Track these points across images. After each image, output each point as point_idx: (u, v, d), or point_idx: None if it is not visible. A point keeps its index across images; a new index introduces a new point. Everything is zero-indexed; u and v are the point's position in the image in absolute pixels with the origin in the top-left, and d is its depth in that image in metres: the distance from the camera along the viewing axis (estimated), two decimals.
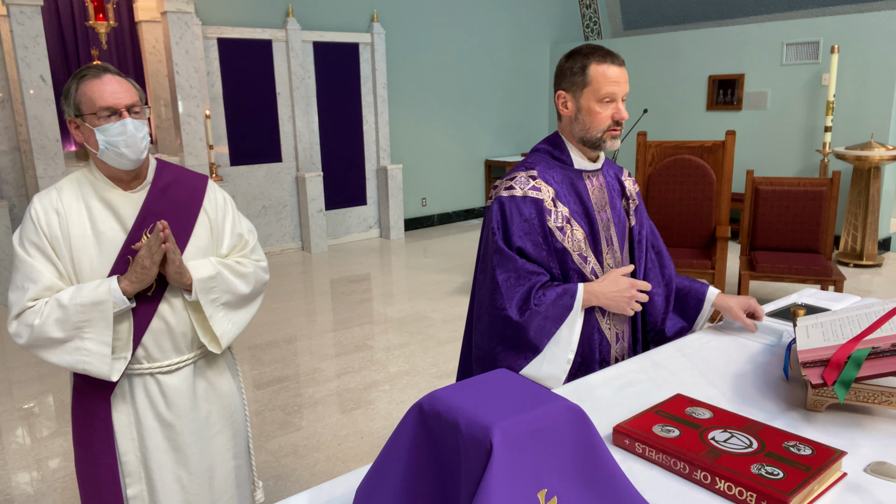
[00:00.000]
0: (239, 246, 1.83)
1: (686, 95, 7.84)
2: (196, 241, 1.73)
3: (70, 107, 1.61)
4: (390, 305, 5.26)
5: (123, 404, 1.70)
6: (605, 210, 1.79)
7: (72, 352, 1.58)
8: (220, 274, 1.72)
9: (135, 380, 1.70)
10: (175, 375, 1.72)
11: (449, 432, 0.85)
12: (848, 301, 1.98)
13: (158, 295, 1.66)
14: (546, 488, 0.83)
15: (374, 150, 7.64)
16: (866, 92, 6.31)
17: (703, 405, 1.29)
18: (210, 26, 6.27)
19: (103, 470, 1.72)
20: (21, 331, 1.58)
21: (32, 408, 3.62)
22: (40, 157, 4.95)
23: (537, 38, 9.10)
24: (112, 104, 1.57)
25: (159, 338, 1.68)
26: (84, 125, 1.59)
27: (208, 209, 1.77)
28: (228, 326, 1.75)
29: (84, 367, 1.60)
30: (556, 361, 1.64)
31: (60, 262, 1.61)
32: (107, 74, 1.59)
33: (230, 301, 1.75)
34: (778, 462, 1.08)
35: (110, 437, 1.70)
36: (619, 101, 1.68)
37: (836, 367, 1.24)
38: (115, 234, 1.64)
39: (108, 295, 1.57)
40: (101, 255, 1.62)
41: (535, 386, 0.91)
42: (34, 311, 1.57)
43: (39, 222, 1.60)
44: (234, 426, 1.89)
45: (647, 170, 5.10)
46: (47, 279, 1.59)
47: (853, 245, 6.09)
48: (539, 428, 0.83)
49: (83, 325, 1.57)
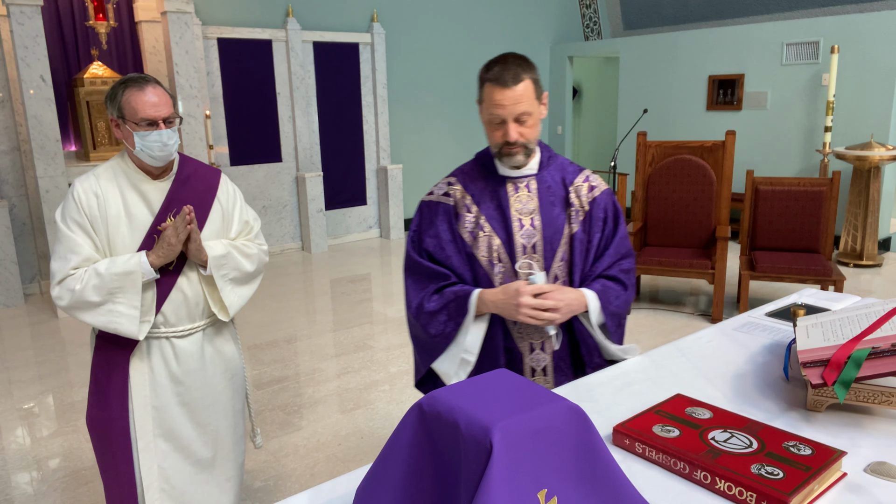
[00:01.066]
0: (245, 231, 2.12)
1: (686, 95, 7.84)
2: (210, 226, 2.01)
3: (114, 109, 1.87)
4: (390, 305, 5.26)
5: (140, 362, 1.95)
6: (531, 216, 1.74)
7: (105, 314, 1.84)
8: (230, 253, 1.99)
9: (153, 342, 1.96)
10: (187, 340, 1.99)
11: (449, 432, 0.85)
12: (848, 301, 1.98)
13: (178, 269, 1.93)
14: (546, 488, 0.83)
15: (374, 150, 7.64)
16: (866, 92, 6.31)
17: (704, 405, 1.29)
18: (210, 26, 6.27)
19: (117, 421, 1.94)
20: (63, 294, 1.84)
21: (32, 408, 3.62)
22: (40, 156, 4.94)
23: (537, 38, 9.10)
24: (152, 117, 1.83)
25: (177, 306, 1.95)
26: (125, 127, 1.86)
27: (221, 199, 2.05)
28: (235, 298, 2.03)
29: (116, 326, 1.85)
30: (453, 361, 1.73)
31: (98, 238, 1.88)
32: (149, 86, 1.85)
33: (237, 277, 2.03)
34: (778, 462, 1.08)
35: (125, 390, 1.94)
36: (508, 122, 1.63)
37: (836, 367, 1.24)
38: (144, 216, 1.91)
39: (138, 266, 1.84)
40: (132, 233, 1.90)
41: (535, 386, 0.91)
42: (75, 278, 1.84)
43: (81, 202, 1.86)
44: (235, 386, 2.16)
45: (647, 170, 5.10)
46: (87, 251, 1.86)
47: (853, 245, 6.09)
48: (539, 428, 0.83)
49: (116, 291, 1.83)
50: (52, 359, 4.29)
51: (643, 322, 4.75)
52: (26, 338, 4.71)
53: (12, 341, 4.64)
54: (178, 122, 1.91)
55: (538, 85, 1.69)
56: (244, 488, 2.80)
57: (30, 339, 4.67)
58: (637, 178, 5.14)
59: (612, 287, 1.75)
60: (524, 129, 1.66)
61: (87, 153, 5.38)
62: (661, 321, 4.76)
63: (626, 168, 8.32)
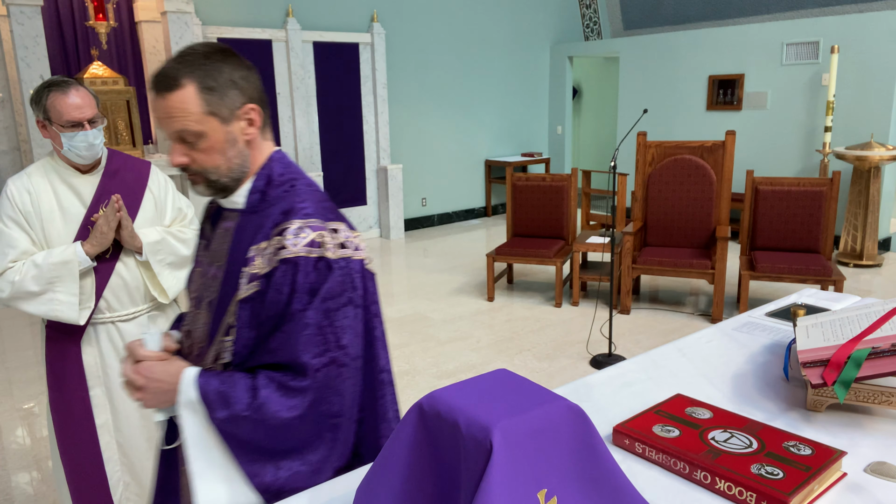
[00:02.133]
0: (179, 218, 2.25)
1: (686, 95, 7.84)
2: (143, 214, 2.14)
3: (40, 111, 1.97)
4: (390, 305, 5.26)
5: (90, 348, 2.10)
6: (216, 264, 1.29)
7: (46, 302, 1.97)
8: (164, 239, 2.13)
9: (99, 327, 2.10)
10: (132, 323, 2.13)
11: (449, 432, 0.85)
12: (848, 301, 1.98)
13: (115, 256, 2.07)
14: (546, 488, 0.83)
15: (374, 150, 7.64)
16: (866, 92, 6.31)
17: (703, 405, 1.29)
18: (210, 26, 6.27)
19: (77, 402, 2.08)
20: (4, 286, 1.95)
21: (32, 408, 3.62)
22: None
23: (537, 38, 9.10)
24: (76, 118, 1.93)
25: (117, 291, 2.08)
26: (51, 128, 1.97)
27: (153, 188, 2.18)
28: (173, 282, 2.16)
29: (56, 314, 1.98)
30: None
31: (33, 232, 2.00)
32: (72, 89, 1.95)
33: (174, 262, 2.15)
34: (778, 462, 1.08)
35: (82, 374, 2.08)
36: (173, 143, 1.20)
37: (836, 367, 1.24)
38: (76, 209, 2.03)
39: (73, 256, 1.96)
40: (66, 226, 2.02)
41: (534, 386, 0.91)
42: (14, 271, 1.95)
43: (14, 200, 1.98)
44: None
45: (647, 170, 5.10)
46: (23, 245, 1.98)
47: (853, 245, 6.09)
48: (539, 428, 0.83)
49: (55, 280, 1.95)
50: None
51: (643, 322, 4.75)
52: (26, 338, 4.71)
53: (12, 342, 4.64)
54: (103, 122, 2.01)
55: (219, 93, 1.18)
56: None
57: (29, 339, 4.67)
58: (637, 178, 5.14)
59: (245, 388, 1.14)
60: (196, 154, 1.20)
61: None
62: (661, 321, 4.76)
63: (626, 168, 8.33)
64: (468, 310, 5.07)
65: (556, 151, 9.46)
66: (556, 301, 5.14)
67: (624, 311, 4.93)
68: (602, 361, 3.99)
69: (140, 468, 2.20)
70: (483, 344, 4.38)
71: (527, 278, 5.95)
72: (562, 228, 5.38)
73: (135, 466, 2.20)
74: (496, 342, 4.41)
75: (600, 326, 4.61)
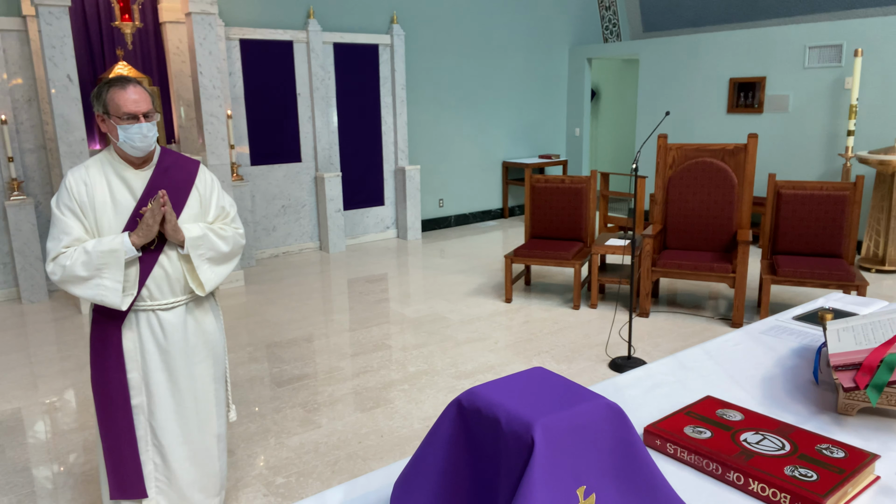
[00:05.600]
0: (222, 216, 2.35)
1: (706, 98, 7.79)
2: (189, 210, 2.25)
3: (100, 106, 2.12)
4: (408, 305, 5.28)
5: (131, 332, 2.21)
6: None
7: (93, 287, 2.08)
8: (206, 235, 2.23)
9: (140, 314, 2.21)
10: (171, 312, 2.24)
11: (489, 428, 0.86)
12: (876, 306, 1.97)
13: (159, 249, 2.18)
14: (585, 485, 0.84)
15: (393, 151, 7.67)
16: (890, 96, 6.24)
17: (734, 407, 1.29)
18: (233, 27, 6.34)
19: (115, 384, 2.20)
20: (56, 269, 2.08)
21: (55, 402, 3.68)
22: (66, 155, 5.02)
23: (556, 39, 9.09)
24: (133, 111, 2.08)
25: (159, 281, 2.19)
26: (109, 121, 2.11)
27: (199, 187, 2.29)
28: (211, 275, 2.26)
29: (101, 298, 2.09)
30: None
31: (87, 221, 2.12)
32: (130, 85, 2.11)
33: (213, 257, 2.26)
34: (811, 464, 1.08)
35: (121, 356, 2.20)
36: None
37: (868, 371, 1.24)
38: (127, 202, 2.16)
39: (121, 245, 2.08)
40: (116, 216, 2.14)
41: (572, 384, 0.92)
42: (66, 256, 2.08)
43: (71, 190, 2.11)
44: (215, 356, 2.40)
45: (668, 172, 5.08)
46: (77, 232, 2.10)
47: (875, 250, 6.02)
48: (579, 425, 0.84)
49: (102, 267, 2.07)
50: (76, 354, 4.36)
51: (663, 325, 4.73)
52: (50, 333, 4.78)
53: (37, 336, 4.72)
54: (157, 117, 2.15)
55: None
56: (266, 484, 2.83)
57: (54, 335, 4.74)
58: (657, 180, 5.12)
59: None
60: None
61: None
62: (681, 324, 4.74)
63: (645, 171, 8.29)
64: (486, 311, 5.08)
65: (573, 153, 9.44)
66: (574, 303, 5.13)
67: (643, 314, 4.91)
68: (621, 364, 3.98)
69: (170, 452, 2.29)
70: (501, 345, 4.38)
71: (544, 280, 5.94)
72: (580, 230, 5.38)
73: (164, 449, 2.28)
74: (514, 343, 4.41)
75: (619, 329, 4.60)
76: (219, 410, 2.44)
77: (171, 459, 2.29)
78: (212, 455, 2.40)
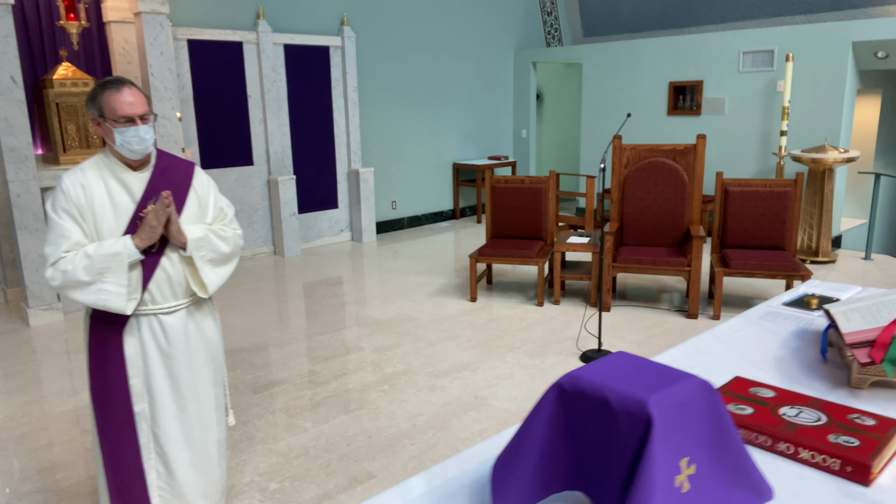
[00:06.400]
0: (220, 217, 2.33)
1: (647, 100, 8.12)
2: (187, 212, 2.21)
3: (95, 109, 2.07)
4: (374, 308, 5.28)
5: (132, 337, 2.16)
6: None
7: (95, 292, 2.03)
8: (207, 236, 2.20)
9: (141, 319, 2.16)
10: (173, 316, 2.20)
11: (595, 408, 0.92)
12: (852, 291, 2.15)
13: (161, 251, 2.14)
14: (688, 456, 0.91)
15: (346, 153, 7.64)
16: (819, 98, 6.68)
17: (764, 385, 1.40)
18: (180, 28, 6.17)
19: (116, 390, 2.15)
20: (56, 275, 2.02)
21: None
22: (11, 160, 4.77)
23: (502, 43, 9.26)
24: (129, 114, 2.04)
25: (161, 285, 2.15)
26: (105, 125, 2.06)
27: (197, 188, 2.26)
28: (213, 277, 2.23)
29: (104, 303, 2.04)
30: None
31: (85, 224, 2.06)
32: (125, 87, 2.06)
33: (215, 258, 2.23)
34: (850, 432, 1.19)
35: (122, 362, 2.14)
36: None
37: (882, 347, 1.37)
38: (126, 204, 2.11)
39: (123, 248, 2.03)
40: (116, 220, 2.09)
41: (660, 365, 0.99)
42: (66, 260, 2.02)
43: (69, 193, 2.05)
44: (215, 360, 2.37)
45: (623, 172, 5.28)
46: (76, 236, 2.04)
47: (809, 243, 6.43)
48: (682, 401, 0.91)
49: (104, 271, 2.02)
50: (32, 368, 4.16)
51: (623, 318, 4.92)
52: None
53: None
54: (153, 119, 2.12)
55: None
56: (260, 490, 2.80)
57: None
58: (613, 179, 5.32)
59: None
60: None
61: (57, 156, 5.22)
62: (641, 317, 4.94)
63: (587, 170, 8.56)
64: (453, 310, 5.14)
65: (521, 154, 9.63)
66: (538, 300, 5.26)
67: (605, 308, 5.09)
68: (592, 357, 4.12)
69: (173, 459, 2.25)
70: (473, 343, 4.46)
71: (504, 279, 6.06)
72: (541, 230, 5.52)
73: (168, 457, 2.24)
74: (486, 341, 4.49)
75: (584, 323, 4.75)
76: (219, 415, 2.41)
77: (175, 467, 2.25)
78: (213, 461, 2.37)
